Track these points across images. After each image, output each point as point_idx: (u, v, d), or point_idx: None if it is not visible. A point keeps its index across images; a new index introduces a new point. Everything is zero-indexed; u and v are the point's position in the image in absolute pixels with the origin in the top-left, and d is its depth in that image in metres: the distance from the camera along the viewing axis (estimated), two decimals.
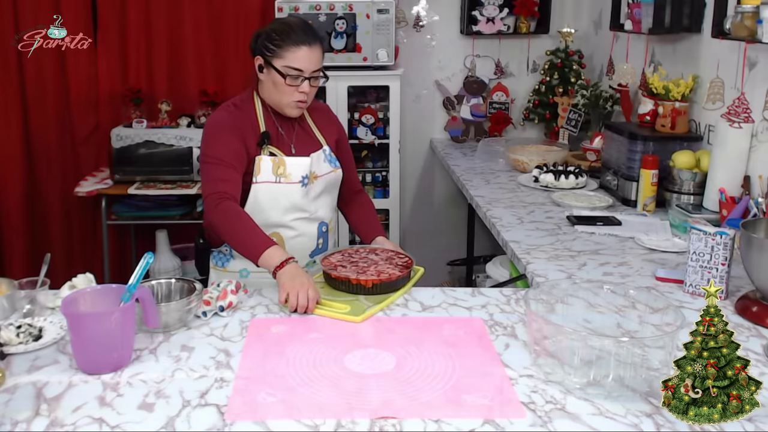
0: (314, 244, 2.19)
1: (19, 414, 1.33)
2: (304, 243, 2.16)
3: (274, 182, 2.06)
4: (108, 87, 3.86)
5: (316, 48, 2.03)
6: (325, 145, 2.19)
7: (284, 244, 2.12)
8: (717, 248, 1.81)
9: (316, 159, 2.13)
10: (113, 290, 1.58)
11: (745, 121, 2.44)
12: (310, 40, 2.02)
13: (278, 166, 2.06)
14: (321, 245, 2.21)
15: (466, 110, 4.11)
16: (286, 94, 2.05)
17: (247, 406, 1.36)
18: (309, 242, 2.18)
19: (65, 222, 4.00)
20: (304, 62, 2.01)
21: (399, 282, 1.90)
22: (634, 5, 3.00)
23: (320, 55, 2.05)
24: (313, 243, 2.19)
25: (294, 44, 2.00)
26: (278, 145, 2.11)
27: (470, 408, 1.35)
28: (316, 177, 2.13)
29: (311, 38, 2.02)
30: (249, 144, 2.06)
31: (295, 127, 2.16)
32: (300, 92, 2.04)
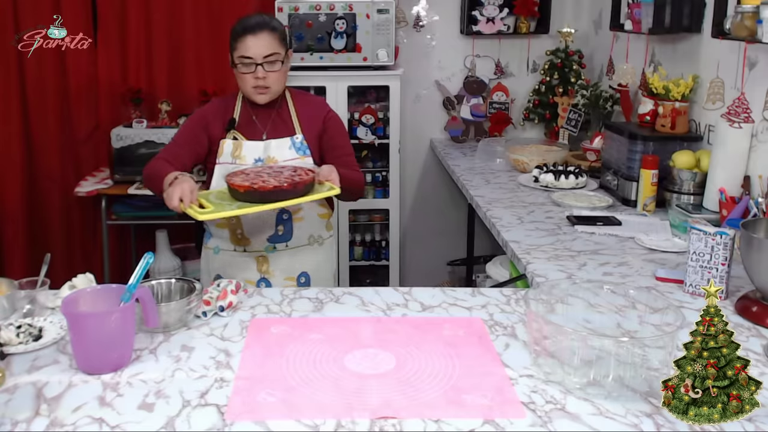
0: (272, 230, 2.27)
1: (19, 414, 1.33)
2: (261, 227, 2.26)
3: (230, 163, 2.21)
4: (108, 87, 3.86)
5: (263, 35, 2.16)
6: (299, 134, 2.25)
7: (242, 225, 2.25)
8: (717, 248, 1.81)
9: (277, 145, 2.23)
10: (113, 290, 1.58)
11: (745, 121, 2.44)
12: (255, 28, 2.17)
13: (236, 148, 2.22)
14: (281, 232, 2.27)
15: (466, 110, 4.11)
16: (246, 81, 2.20)
17: (247, 406, 1.36)
18: (266, 227, 2.26)
19: (65, 222, 4.00)
20: (251, 50, 2.16)
21: (276, 194, 1.94)
22: (634, 5, 3.00)
23: (270, 41, 2.17)
24: (271, 229, 2.26)
25: (240, 35, 2.18)
26: (248, 131, 2.25)
27: (470, 408, 1.35)
28: (275, 162, 2.19)
29: (256, 27, 2.17)
30: (213, 130, 2.26)
31: (272, 116, 2.27)
32: (255, 78, 2.17)
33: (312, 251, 2.36)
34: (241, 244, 2.29)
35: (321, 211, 2.37)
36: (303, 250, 2.34)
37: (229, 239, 2.30)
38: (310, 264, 2.36)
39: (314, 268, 2.37)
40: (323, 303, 1.85)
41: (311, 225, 2.34)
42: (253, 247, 2.29)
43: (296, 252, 2.33)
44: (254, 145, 2.23)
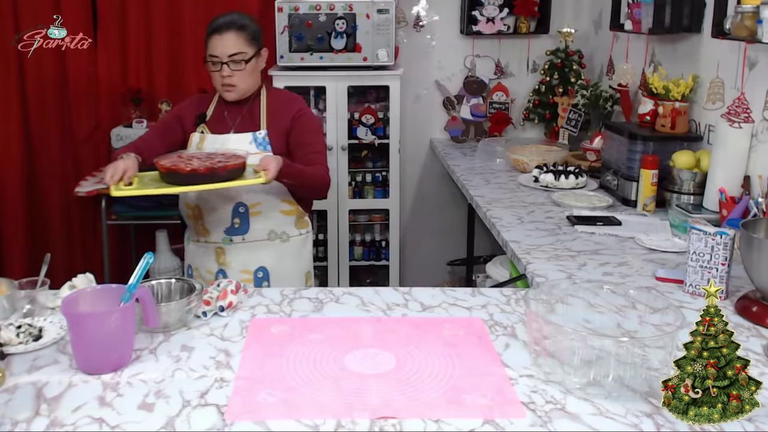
0: (229, 222, 2.32)
1: (19, 414, 1.33)
2: (218, 218, 2.32)
3: None
4: (108, 87, 3.86)
5: (228, 34, 2.23)
6: (263, 129, 2.29)
7: (203, 217, 2.33)
8: (717, 248, 1.81)
9: (238, 139, 2.27)
10: (113, 290, 1.58)
11: (745, 121, 2.44)
12: (222, 28, 2.23)
13: (201, 141, 2.31)
14: (238, 225, 2.31)
15: (466, 110, 4.11)
16: (215, 79, 2.29)
17: (247, 406, 1.36)
18: (222, 219, 2.32)
19: (65, 222, 4.00)
20: (217, 49, 2.24)
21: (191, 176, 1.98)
22: (634, 5, 3.00)
23: (235, 41, 2.23)
24: (228, 221, 2.32)
25: (209, 35, 2.26)
26: (218, 125, 2.33)
27: (470, 408, 1.35)
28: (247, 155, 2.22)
29: (222, 27, 2.24)
30: (187, 123, 2.36)
31: (243, 112, 2.33)
32: (222, 76, 2.25)
33: (273, 247, 2.37)
34: (203, 236, 2.37)
35: (284, 207, 2.36)
36: (262, 245, 2.35)
37: (195, 230, 2.39)
38: (269, 259, 2.37)
39: (275, 264, 2.37)
40: (323, 303, 1.85)
41: (271, 221, 2.35)
42: (212, 238, 2.35)
43: (254, 246, 2.35)
44: (214, 138, 2.30)
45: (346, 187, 3.85)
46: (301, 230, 2.43)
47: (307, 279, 2.51)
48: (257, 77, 2.34)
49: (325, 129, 3.77)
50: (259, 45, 2.31)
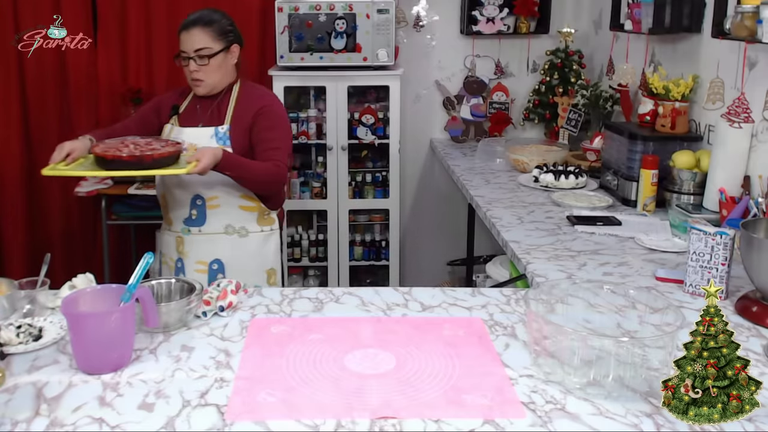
0: (187, 213, 2.39)
1: (19, 414, 1.33)
2: (178, 209, 2.40)
3: None
4: (108, 87, 3.86)
5: (194, 30, 2.29)
6: (226, 125, 2.33)
7: (168, 206, 2.42)
8: (717, 248, 1.81)
9: (199, 133, 2.32)
10: (113, 290, 1.58)
11: (745, 121, 2.44)
12: (189, 25, 2.30)
13: (169, 133, 2.36)
14: (195, 217, 2.37)
15: (466, 110, 4.11)
16: (185, 74, 2.35)
17: (247, 406, 1.36)
18: (182, 209, 2.39)
19: (65, 222, 4.00)
20: (184, 45, 2.30)
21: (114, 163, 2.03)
22: (634, 5, 3.00)
23: (201, 37, 2.29)
24: (186, 212, 2.39)
25: (179, 31, 2.32)
26: (189, 119, 2.39)
27: (470, 408, 1.35)
28: (196, 149, 2.23)
29: (189, 23, 2.30)
30: (163, 115, 2.44)
31: (212, 106, 2.38)
32: (190, 71, 2.31)
33: (229, 241, 2.39)
34: (168, 224, 2.46)
35: (244, 203, 2.38)
36: (218, 238, 2.39)
37: (164, 218, 2.48)
38: (225, 253, 2.39)
39: (231, 258, 2.39)
40: (323, 303, 1.85)
41: (229, 215, 2.38)
42: (174, 227, 2.43)
43: (211, 238, 2.39)
44: (178, 131, 2.36)
45: (346, 187, 3.85)
46: (263, 227, 2.44)
47: (270, 276, 2.49)
48: (227, 72, 2.37)
49: (325, 129, 3.78)
50: (229, 41, 2.35)
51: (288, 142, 2.42)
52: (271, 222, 2.46)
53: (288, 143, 2.42)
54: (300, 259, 4.03)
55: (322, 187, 3.90)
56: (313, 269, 4.13)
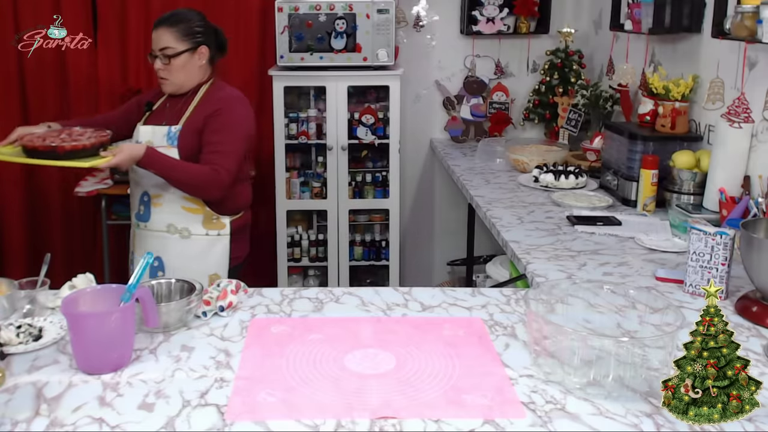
0: (137, 209, 2.45)
1: (19, 414, 1.33)
2: (133, 203, 2.48)
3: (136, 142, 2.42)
4: (108, 87, 3.85)
5: (160, 29, 2.32)
6: (179, 125, 2.33)
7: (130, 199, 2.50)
8: (717, 248, 1.81)
9: (153, 132, 2.36)
10: (113, 290, 1.58)
11: (745, 121, 2.44)
12: (157, 24, 2.34)
13: (137, 130, 2.42)
14: (141, 212, 2.43)
15: (466, 110, 4.11)
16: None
17: (247, 406, 1.36)
18: (134, 204, 2.47)
19: (65, 222, 3.99)
20: (153, 43, 2.34)
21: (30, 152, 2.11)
22: (634, 5, 3.00)
23: (165, 36, 2.31)
24: (136, 207, 2.45)
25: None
26: (158, 116, 2.42)
27: (470, 408, 1.35)
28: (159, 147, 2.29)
29: (157, 23, 2.34)
30: (141, 110, 2.49)
31: (179, 104, 2.40)
32: (156, 69, 2.34)
33: (172, 241, 2.38)
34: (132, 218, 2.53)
35: (187, 204, 2.35)
36: (160, 236, 2.40)
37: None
38: (166, 252, 2.38)
39: (172, 258, 2.37)
40: (323, 303, 1.85)
41: (171, 215, 2.37)
42: (132, 221, 2.51)
43: (154, 235, 2.41)
44: (138, 128, 2.40)
45: (346, 187, 3.85)
46: (209, 231, 2.39)
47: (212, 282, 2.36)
48: (194, 73, 2.37)
49: (325, 129, 3.78)
50: (196, 42, 2.35)
51: (235, 146, 2.32)
52: (221, 227, 2.40)
53: (235, 148, 2.32)
54: (300, 259, 4.03)
55: (322, 187, 3.90)
56: (313, 269, 4.13)
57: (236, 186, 2.40)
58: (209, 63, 2.42)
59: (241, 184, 2.45)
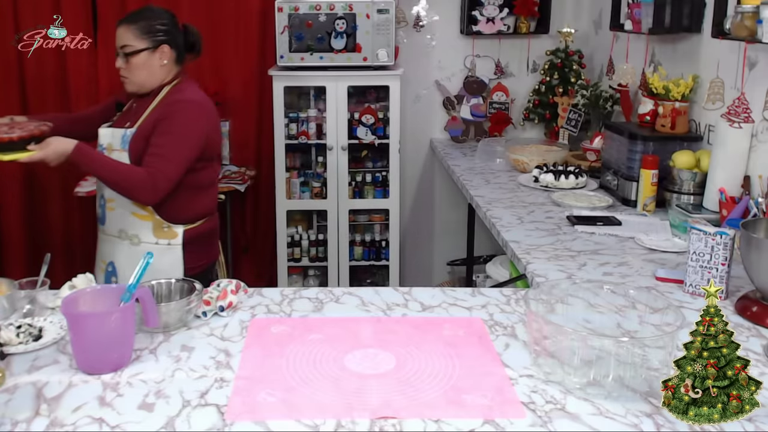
0: (97, 211, 2.40)
1: (19, 414, 1.33)
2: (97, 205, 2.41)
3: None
4: (108, 87, 3.84)
5: (121, 27, 2.25)
6: (134, 128, 2.25)
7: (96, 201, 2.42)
8: (717, 248, 1.81)
9: (112, 134, 2.28)
10: (113, 290, 1.59)
11: (745, 121, 2.44)
12: (119, 21, 2.27)
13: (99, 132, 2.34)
14: (99, 215, 2.38)
15: (466, 110, 4.11)
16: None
17: (247, 406, 1.36)
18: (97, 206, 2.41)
19: (65, 222, 3.99)
20: (116, 41, 2.26)
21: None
22: (634, 5, 3.00)
23: (125, 34, 2.24)
24: (97, 209, 2.40)
25: None
26: (124, 116, 2.35)
27: (470, 408, 1.35)
28: (112, 150, 2.25)
29: (120, 21, 2.27)
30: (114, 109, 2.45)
31: (142, 106, 2.31)
32: (118, 68, 2.28)
33: (122, 247, 2.30)
34: None
35: (136, 210, 2.25)
36: (113, 241, 2.32)
37: None
38: (119, 257, 2.31)
39: (123, 264, 2.29)
40: (323, 303, 1.85)
41: (122, 219, 2.29)
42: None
43: (109, 240, 2.35)
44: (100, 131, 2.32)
45: (346, 187, 3.85)
46: (159, 240, 2.27)
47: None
48: (155, 73, 2.27)
49: (325, 129, 3.78)
50: (157, 41, 2.24)
51: (180, 153, 2.18)
52: (172, 236, 2.27)
53: (179, 154, 2.18)
54: (300, 259, 4.03)
55: (322, 187, 3.90)
56: (313, 269, 4.13)
57: (192, 194, 2.28)
58: (175, 63, 2.31)
59: (200, 192, 2.31)
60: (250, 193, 4.08)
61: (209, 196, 2.39)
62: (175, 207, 2.26)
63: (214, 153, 2.36)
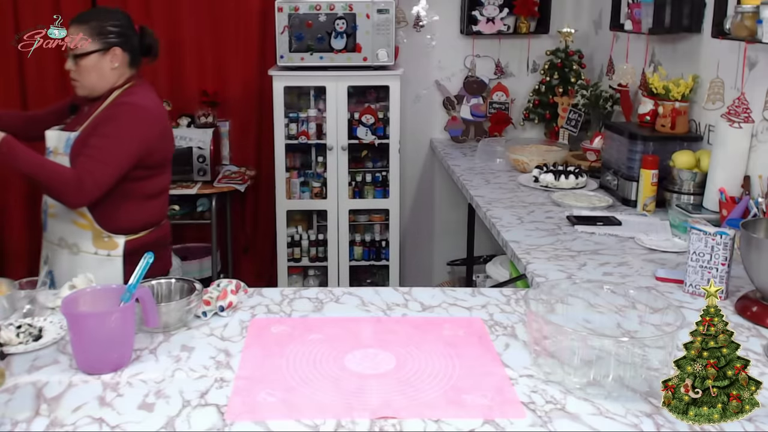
0: (42, 214, 2.30)
1: (19, 414, 1.33)
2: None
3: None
4: None
5: (72, 27, 2.15)
6: (78, 132, 2.16)
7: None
8: (717, 248, 1.81)
9: (58, 138, 2.20)
10: (113, 290, 1.59)
11: (745, 121, 2.44)
12: (71, 21, 2.17)
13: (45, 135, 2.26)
14: (43, 221, 2.28)
15: (466, 110, 4.11)
16: None
17: (247, 406, 1.36)
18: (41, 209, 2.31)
19: None
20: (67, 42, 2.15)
21: None
22: (634, 5, 3.00)
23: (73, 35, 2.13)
24: (41, 213, 2.30)
25: None
26: (76, 119, 2.27)
27: (470, 408, 1.35)
28: (57, 154, 2.16)
29: (72, 19, 2.18)
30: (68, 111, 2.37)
31: (92, 109, 2.22)
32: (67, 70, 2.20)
33: (61, 255, 2.22)
34: None
35: (76, 218, 2.16)
36: (52, 248, 2.24)
37: None
38: (57, 266, 2.21)
39: (61, 273, 2.18)
40: (323, 303, 1.85)
41: (63, 227, 2.20)
42: None
43: (49, 247, 2.27)
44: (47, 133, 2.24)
45: (346, 187, 3.85)
46: (99, 250, 2.17)
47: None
48: (106, 75, 2.18)
49: (325, 129, 3.78)
50: (107, 43, 2.16)
51: (114, 158, 2.07)
52: (113, 247, 2.17)
53: (113, 159, 2.07)
54: (300, 259, 4.03)
55: (322, 187, 3.90)
56: (313, 269, 4.13)
57: (135, 203, 2.20)
58: (128, 66, 2.22)
59: (144, 202, 2.23)
60: (250, 193, 4.08)
61: (155, 206, 2.29)
62: (115, 216, 2.17)
63: (159, 161, 2.24)
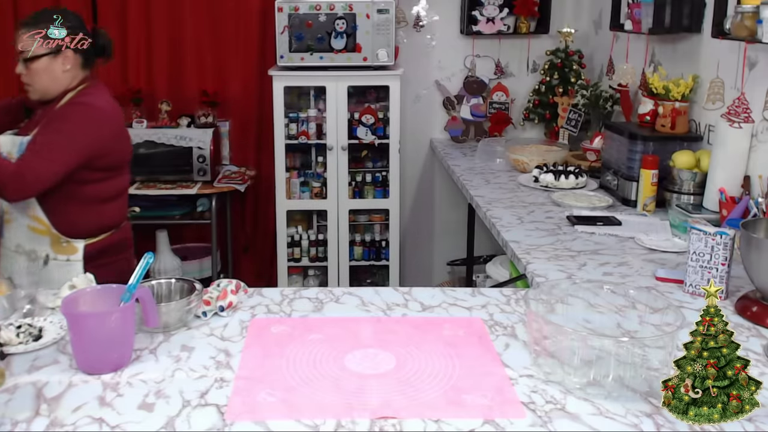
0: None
1: (19, 414, 1.33)
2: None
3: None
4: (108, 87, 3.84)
5: (21, 30, 2.11)
6: (30, 135, 2.11)
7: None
8: (717, 248, 1.81)
9: (12, 142, 2.12)
10: (113, 290, 1.58)
11: (745, 121, 2.44)
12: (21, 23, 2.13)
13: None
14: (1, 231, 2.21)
15: (466, 110, 4.11)
16: None
17: (247, 406, 1.36)
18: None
19: None
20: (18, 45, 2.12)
21: None
22: (634, 5, 3.00)
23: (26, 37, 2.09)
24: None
25: None
26: (29, 123, 2.22)
27: (470, 408, 1.35)
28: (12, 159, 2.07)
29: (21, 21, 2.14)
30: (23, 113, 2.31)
31: (45, 112, 2.17)
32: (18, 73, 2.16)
33: (19, 262, 2.17)
34: None
35: (32, 224, 2.13)
36: (10, 256, 2.19)
37: None
38: (17, 274, 2.11)
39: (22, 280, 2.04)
40: (323, 303, 1.85)
41: (19, 234, 2.16)
42: None
43: (7, 255, 2.20)
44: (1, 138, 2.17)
45: (346, 187, 3.85)
46: (59, 255, 2.14)
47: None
48: (57, 79, 2.14)
49: (325, 129, 3.78)
50: (59, 46, 2.11)
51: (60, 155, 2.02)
52: (72, 251, 2.14)
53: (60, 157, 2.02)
54: (300, 259, 4.03)
55: (322, 187, 3.90)
56: (313, 269, 4.13)
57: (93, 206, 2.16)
58: (81, 68, 2.18)
59: (102, 205, 2.18)
60: (250, 193, 4.09)
61: (113, 209, 2.24)
62: (71, 220, 2.13)
63: (115, 163, 2.20)
